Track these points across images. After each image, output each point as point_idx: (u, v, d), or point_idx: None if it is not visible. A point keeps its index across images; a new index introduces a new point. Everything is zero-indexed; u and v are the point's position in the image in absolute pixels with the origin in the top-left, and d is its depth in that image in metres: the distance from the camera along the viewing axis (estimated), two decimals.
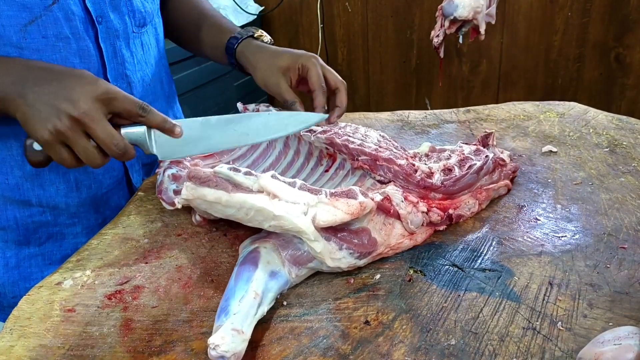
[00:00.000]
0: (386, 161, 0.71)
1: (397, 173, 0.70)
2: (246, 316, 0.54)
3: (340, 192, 0.63)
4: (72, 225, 0.83)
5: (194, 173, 0.63)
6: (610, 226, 0.70)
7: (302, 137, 0.78)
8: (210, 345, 0.51)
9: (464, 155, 0.75)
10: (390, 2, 2.29)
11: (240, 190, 0.60)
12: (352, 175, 0.76)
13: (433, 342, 0.55)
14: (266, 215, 0.59)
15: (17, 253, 0.81)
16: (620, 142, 0.90)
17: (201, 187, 0.62)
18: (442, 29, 0.80)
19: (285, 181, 0.61)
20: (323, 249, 0.60)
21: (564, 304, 0.58)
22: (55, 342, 0.57)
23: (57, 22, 0.72)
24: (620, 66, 2.00)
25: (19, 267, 0.81)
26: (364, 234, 0.64)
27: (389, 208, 0.66)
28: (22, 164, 0.76)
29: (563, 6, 1.99)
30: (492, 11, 0.78)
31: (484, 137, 0.81)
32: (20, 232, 0.80)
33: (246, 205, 0.59)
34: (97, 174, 0.83)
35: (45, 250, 0.82)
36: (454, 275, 0.64)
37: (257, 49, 0.87)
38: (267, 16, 2.56)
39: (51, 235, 0.82)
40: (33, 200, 0.79)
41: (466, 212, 0.73)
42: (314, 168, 0.80)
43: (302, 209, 0.59)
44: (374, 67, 2.45)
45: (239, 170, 0.62)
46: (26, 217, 0.79)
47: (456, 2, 0.76)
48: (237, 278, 0.59)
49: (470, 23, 0.79)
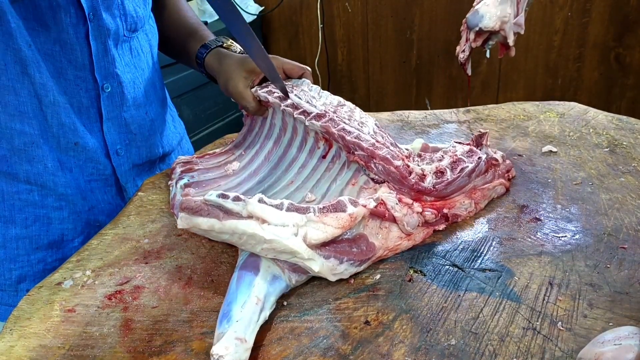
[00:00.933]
0: (383, 160, 0.70)
1: (392, 174, 0.70)
2: (249, 323, 0.54)
3: (329, 205, 0.62)
4: (59, 209, 0.83)
5: (186, 204, 0.63)
6: (610, 226, 0.70)
7: (296, 119, 0.78)
8: (214, 356, 0.51)
9: (456, 157, 0.74)
10: (390, 2, 2.29)
11: (231, 217, 0.60)
12: (347, 168, 0.76)
13: (433, 342, 0.55)
14: (258, 239, 0.59)
15: (4, 233, 0.80)
16: (620, 142, 0.90)
17: (194, 216, 0.62)
18: (467, 42, 0.74)
19: (272, 203, 0.61)
20: (322, 267, 0.61)
21: (564, 304, 0.58)
22: (56, 343, 0.57)
23: (37, 8, 0.72)
24: (620, 66, 2.00)
25: (5, 248, 0.80)
26: (362, 241, 0.64)
27: (383, 213, 0.66)
28: (10, 138, 0.76)
29: (563, 6, 1.99)
30: (521, 20, 0.72)
31: (478, 137, 0.80)
32: (5, 206, 0.79)
33: (238, 232, 0.60)
34: (79, 159, 0.83)
35: (32, 233, 0.81)
36: (454, 275, 0.64)
37: (223, 57, 0.89)
38: (267, 16, 2.56)
39: (38, 217, 0.82)
40: (21, 174, 0.79)
41: (462, 211, 0.73)
42: (311, 151, 0.80)
43: (292, 230, 0.59)
44: (374, 67, 2.45)
45: (228, 196, 0.62)
46: (13, 192, 0.79)
47: (481, 12, 0.70)
48: (238, 282, 0.59)
49: (498, 35, 0.72)
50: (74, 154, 0.82)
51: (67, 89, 0.78)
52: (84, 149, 0.82)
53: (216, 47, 0.91)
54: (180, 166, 0.84)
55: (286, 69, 0.87)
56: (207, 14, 2.33)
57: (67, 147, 0.81)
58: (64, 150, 0.81)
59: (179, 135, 1.03)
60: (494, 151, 0.80)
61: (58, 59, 0.76)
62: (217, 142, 0.98)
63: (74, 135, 0.80)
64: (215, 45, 0.91)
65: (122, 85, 0.84)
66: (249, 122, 0.91)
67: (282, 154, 0.82)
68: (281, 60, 0.86)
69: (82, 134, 0.81)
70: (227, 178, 0.82)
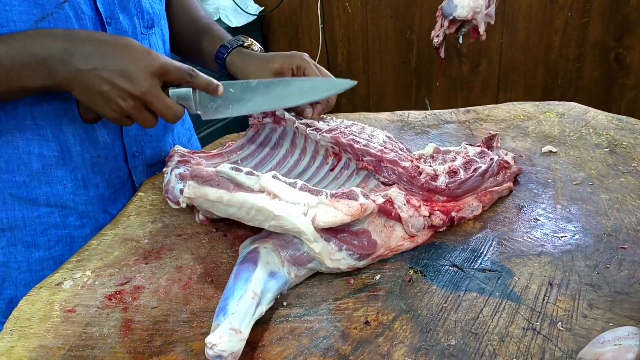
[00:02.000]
0: (391, 163, 0.71)
1: (401, 175, 0.70)
2: (244, 316, 0.54)
3: (341, 193, 0.63)
4: (81, 227, 0.83)
5: (196, 172, 0.63)
6: (610, 226, 0.70)
7: (308, 135, 0.79)
8: (207, 345, 0.51)
9: (468, 158, 0.75)
10: (390, 2, 2.29)
11: (242, 190, 0.60)
12: (356, 175, 0.76)
13: (433, 343, 0.55)
14: (266, 215, 0.59)
15: (28, 257, 0.80)
16: (620, 142, 0.90)
17: (203, 186, 0.62)
18: (441, 29, 0.81)
19: (286, 181, 0.61)
20: (322, 249, 0.60)
21: (564, 304, 0.58)
22: (56, 343, 0.57)
23: (68, 20, 0.72)
24: (620, 66, 2.00)
25: (31, 271, 0.81)
26: (364, 236, 0.64)
27: (390, 211, 0.66)
28: (29, 162, 0.76)
29: (563, 6, 1.99)
30: (492, 11, 0.79)
31: (488, 139, 0.81)
32: (28, 232, 0.80)
33: (247, 205, 0.60)
34: (104, 173, 0.83)
35: (55, 253, 0.81)
36: (454, 275, 0.64)
37: (247, 57, 0.88)
38: (267, 16, 2.56)
39: (60, 238, 0.82)
40: (41, 198, 0.79)
41: (468, 214, 0.73)
42: (319, 166, 0.80)
43: (302, 209, 0.59)
44: (374, 67, 2.45)
45: (241, 169, 0.62)
46: (34, 217, 0.79)
47: (455, 2, 0.77)
48: (236, 278, 0.59)
49: (470, 23, 0.80)
50: (99, 168, 0.82)
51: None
52: (106, 159, 0.82)
53: (237, 47, 0.90)
54: (178, 155, 0.83)
55: (307, 74, 0.85)
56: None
57: (91, 163, 0.81)
58: (89, 167, 0.81)
59: (189, 133, 1.04)
60: (505, 153, 0.80)
61: None
62: (217, 142, 0.99)
63: (95, 148, 0.81)
64: (236, 45, 0.90)
65: None
66: (251, 133, 0.90)
67: (286, 172, 0.82)
68: (306, 62, 0.85)
69: (102, 145, 0.81)
70: None
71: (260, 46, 0.92)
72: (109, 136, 0.82)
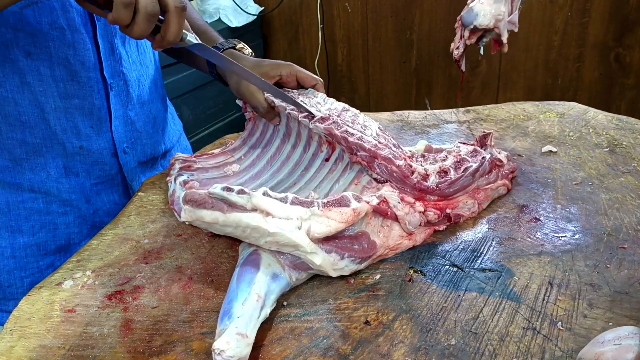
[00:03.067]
0: (385, 160, 0.70)
1: (394, 174, 0.70)
2: (250, 319, 0.54)
3: (333, 200, 0.63)
4: (64, 214, 0.84)
5: (190, 197, 0.64)
6: (610, 226, 0.70)
7: (301, 122, 0.78)
8: (215, 351, 0.51)
9: (460, 157, 0.75)
10: (390, 2, 2.29)
11: (235, 210, 0.61)
12: (350, 169, 0.76)
13: (433, 342, 0.55)
14: (262, 232, 0.59)
15: (12, 243, 0.81)
16: (620, 142, 0.90)
17: (198, 209, 0.63)
18: (462, 40, 0.74)
19: (277, 197, 0.61)
20: (323, 261, 0.61)
21: (564, 304, 0.58)
22: (56, 343, 0.57)
23: (53, 11, 0.73)
24: (620, 66, 2.00)
25: (15, 257, 0.81)
26: (363, 238, 0.64)
27: (385, 211, 0.66)
28: (12, 148, 0.77)
29: (563, 6, 1.99)
30: (515, 18, 0.74)
31: (482, 137, 0.81)
32: (12, 217, 0.80)
33: (242, 224, 0.60)
34: (86, 164, 0.84)
35: (39, 240, 0.82)
36: (454, 275, 0.64)
37: (237, 59, 0.88)
38: (267, 16, 2.56)
39: (44, 224, 0.82)
40: (25, 184, 0.79)
41: (465, 211, 0.73)
42: (315, 154, 0.80)
43: (296, 223, 0.59)
44: (374, 67, 2.45)
45: (232, 189, 0.62)
46: (18, 202, 0.80)
47: (476, 10, 0.71)
48: (239, 280, 0.59)
49: (492, 32, 0.74)
50: (80, 158, 0.83)
51: (78, 92, 0.79)
52: (88, 151, 0.83)
53: (229, 49, 0.91)
54: (179, 162, 0.84)
55: (299, 77, 0.86)
56: (207, 14, 2.33)
57: (72, 152, 0.81)
58: (70, 155, 0.82)
59: (178, 132, 1.05)
60: (498, 151, 0.80)
61: (72, 62, 0.77)
62: (217, 142, 0.99)
63: (78, 138, 0.81)
64: (228, 47, 0.91)
65: (127, 83, 0.85)
66: (250, 126, 0.91)
67: (284, 158, 0.83)
68: (295, 69, 0.86)
69: (85, 136, 0.82)
70: (227, 179, 0.82)
71: (250, 50, 0.93)
72: (93, 128, 0.82)
